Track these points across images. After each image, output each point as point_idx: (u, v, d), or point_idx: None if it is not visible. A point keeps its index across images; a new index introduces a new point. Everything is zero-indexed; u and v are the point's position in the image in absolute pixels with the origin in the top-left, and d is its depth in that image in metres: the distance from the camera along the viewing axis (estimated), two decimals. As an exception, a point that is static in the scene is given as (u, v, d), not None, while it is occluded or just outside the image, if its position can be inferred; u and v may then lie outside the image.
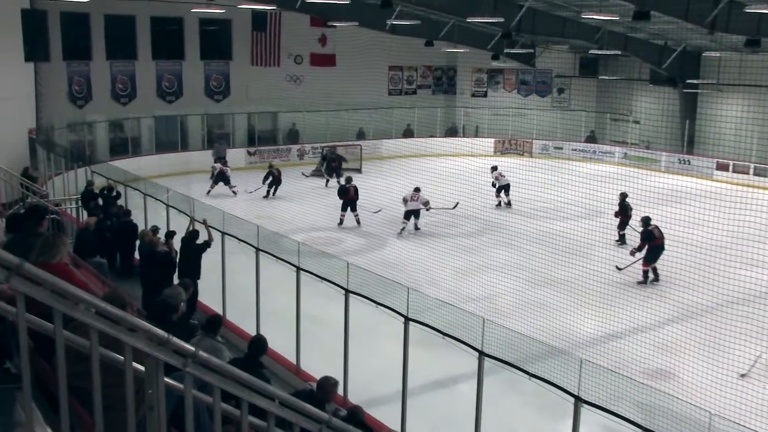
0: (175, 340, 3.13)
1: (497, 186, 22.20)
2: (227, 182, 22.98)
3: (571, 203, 18.84)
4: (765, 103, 25.02)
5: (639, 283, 14.95)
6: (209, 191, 22.28)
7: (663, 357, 10.91)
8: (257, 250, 10.54)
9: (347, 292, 8.78)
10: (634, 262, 15.30)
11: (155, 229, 12.04)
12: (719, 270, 13.67)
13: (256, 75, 28.92)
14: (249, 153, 28.14)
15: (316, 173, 26.07)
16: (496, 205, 22.03)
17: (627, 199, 18.34)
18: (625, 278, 14.36)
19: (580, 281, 13.72)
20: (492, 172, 22.45)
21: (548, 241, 16.30)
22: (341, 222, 19.42)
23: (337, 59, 30.83)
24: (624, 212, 18.22)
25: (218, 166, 23.66)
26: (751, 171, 25.76)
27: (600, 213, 18.40)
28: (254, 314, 10.63)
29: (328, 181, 24.76)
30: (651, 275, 15.03)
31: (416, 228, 19.05)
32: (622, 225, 18.23)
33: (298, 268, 9.67)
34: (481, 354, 7.14)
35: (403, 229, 18.70)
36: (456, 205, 19.92)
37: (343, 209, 19.41)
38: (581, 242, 16.57)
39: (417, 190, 18.95)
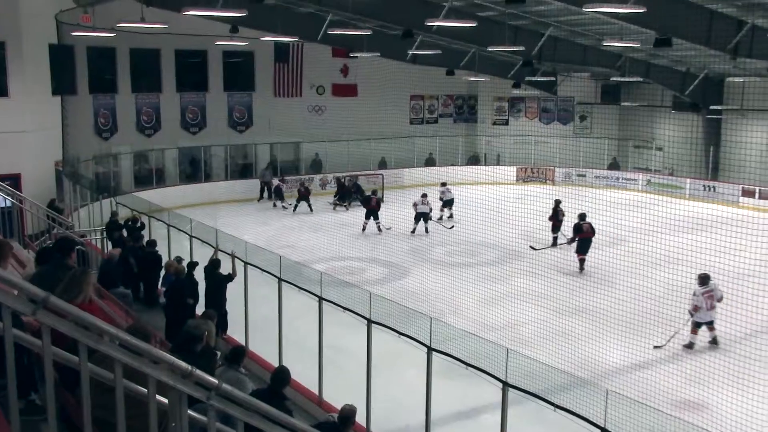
0: (199, 372, 3.13)
1: (443, 201, 23.74)
2: (281, 197, 25.70)
3: (595, 231, 18.71)
4: (790, 128, 24.79)
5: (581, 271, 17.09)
6: (295, 208, 24.81)
7: (693, 388, 10.71)
8: (280, 280, 10.55)
9: (369, 321, 8.75)
10: (552, 246, 18.57)
11: (179, 260, 12.12)
12: (748, 298, 13.47)
13: (279, 106, 29.20)
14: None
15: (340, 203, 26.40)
16: (438, 219, 23.09)
17: (561, 205, 20.36)
18: (652, 307, 14.14)
19: (606, 310, 13.57)
20: (441, 187, 23.97)
21: (572, 269, 16.18)
22: (364, 229, 21.66)
23: (358, 89, 31.10)
24: (555, 217, 20.14)
25: (275, 181, 26.48)
26: (778, 197, 25.44)
27: (624, 240, 18.25)
28: (277, 345, 10.61)
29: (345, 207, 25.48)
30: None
31: (426, 231, 21.66)
32: (555, 229, 19.99)
33: (321, 298, 9.66)
34: (506, 385, 7.05)
35: (414, 230, 21.60)
36: (452, 227, 21.86)
37: (366, 218, 21.85)
38: (606, 270, 16.43)
39: (424, 195, 21.98)
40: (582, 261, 17.67)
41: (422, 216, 21.71)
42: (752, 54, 19.71)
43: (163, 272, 13.00)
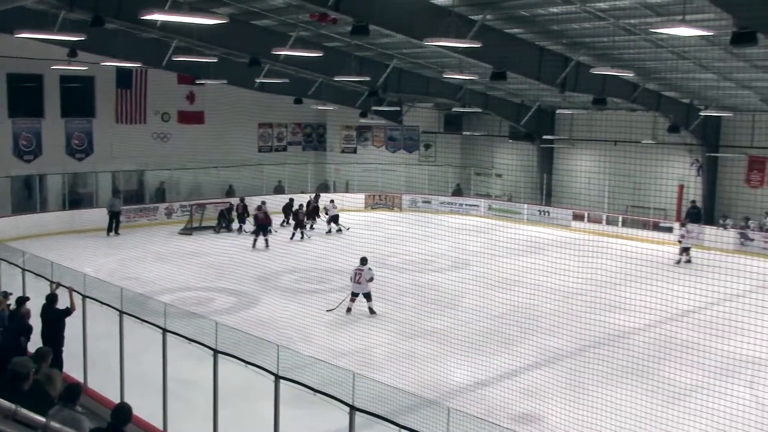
0: (24, 411, 3.01)
1: (329, 216, 26.30)
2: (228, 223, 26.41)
3: (439, 255, 19.39)
4: (612, 156, 26.92)
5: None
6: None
7: (529, 401, 11.30)
8: (121, 313, 10.17)
9: (216, 352, 8.61)
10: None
11: (6, 295, 11.39)
12: (578, 315, 14.45)
13: (122, 133, 28.18)
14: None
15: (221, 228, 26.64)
16: (327, 232, 26.10)
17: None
18: (493, 326, 14.80)
19: (450, 331, 14.07)
20: (329, 204, 26.63)
21: (418, 292, 16.65)
22: (253, 245, 23.45)
23: (205, 116, 30.63)
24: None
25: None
26: (604, 220, 27.45)
27: (467, 263, 19.01)
28: (118, 380, 10.18)
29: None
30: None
31: (338, 231, 25.76)
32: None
33: (165, 330, 9.40)
34: (352, 408, 7.16)
35: (330, 230, 25.95)
36: (348, 228, 25.47)
37: (256, 234, 23.61)
38: (450, 292, 17.05)
39: (332, 201, 26.37)
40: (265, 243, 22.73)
41: (333, 219, 25.87)
42: (577, 88, 21.34)
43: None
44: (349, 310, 15.94)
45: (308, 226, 26.28)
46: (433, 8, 16.08)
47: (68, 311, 10.95)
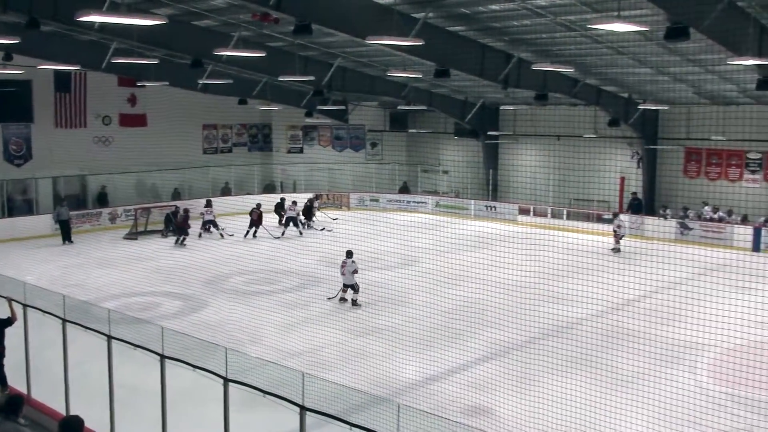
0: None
1: (285, 217, 26.18)
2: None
3: (388, 253, 19.47)
4: (556, 150, 27.41)
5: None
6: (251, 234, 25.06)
7: (479, 395, 11.44)
8: (64, 321, 9.96)
9: (162, 357, 8.51)
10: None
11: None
12: (526, 307, 14.68)
13: (61, 137, 27.56)
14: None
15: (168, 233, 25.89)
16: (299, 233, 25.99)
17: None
18: (443, 322, 14.93)
19: (399, 327, 14.16)
20: (291, 204, 26.22)
21: (368, 290, 16.70)
22: (245, 235, 24.88)
23: (148, 119, 30.15)
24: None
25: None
26: (549, 213, 27.92)
27: (416, 260, 19.11)
28: (63, 390, 9.97)
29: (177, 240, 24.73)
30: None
31: (300, 234, 25.59)
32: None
33: (109, 337, 9.25)
34: (303, 409, 7.16)
35: (284, 233, 25.41)
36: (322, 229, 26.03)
37: (250, 226, 25.04)
38: (400, 289, 17.13)
39: (294, 202, 26.01)
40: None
41: (291, 220, 25.55)
42: (520, 84, 21.66)
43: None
44: (342, 299, 16.76)
45: (304, 225, 26.87)
46: (376, 7, 16.12)
47: (9, 321, 10.70)
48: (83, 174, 28.70)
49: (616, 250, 22.92)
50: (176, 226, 24.40)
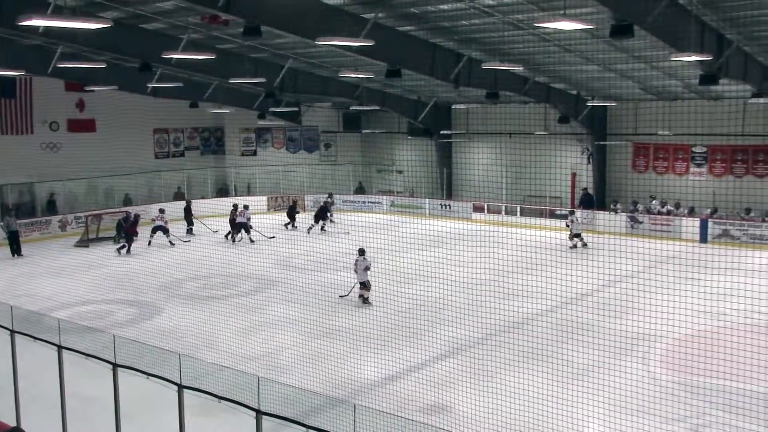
0: None
1: (236, 222, 25.26)
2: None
3: (344, 254, 19.44)
4: (508, 148, 27.73)
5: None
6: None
7: (437, 392, 11.52)
8: (12, 332, 9.74)
9: (115, 366, 8.39)
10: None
11: None
12: (482, 304, 14.82)
13: (7, 144, 26.95)
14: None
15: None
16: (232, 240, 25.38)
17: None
18: (399, 321, 15.00)
19: (356, 328, 14.15)
20: (243, 209, 25.52)
21: (323, 291, 16.67)
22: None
23: (97, 124, 29.63)
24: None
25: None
26: (503, 211, 28.20)
27: (372, 260, 19.07)
28: (13, 403, 9.76)
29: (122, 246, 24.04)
30: None
31: (251, 241, 24.70)
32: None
33: (60, 347, 9.08)
34: (258, 413, 7.13)
35: (234, 239, 25.01)
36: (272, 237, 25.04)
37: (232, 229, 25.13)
38: (355, 290, 17.13)
39: (246, 207, 25.29)
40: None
41: (242, 226, 24.84)
42: (471, 83, 21.83)
43: None
44: (362, 297, 16.92)
45: (320, 226, 26.88)
46: (325, 8, 16.10)
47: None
48: (31, 181, 28.07)
49: (574, 246, 23.13)
50: (124, 232, 23.96)
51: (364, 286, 16.77)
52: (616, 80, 23.72)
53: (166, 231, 24.36)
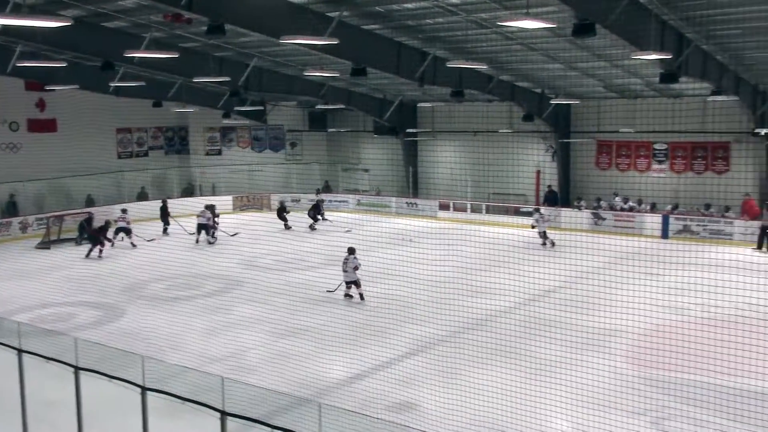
0: None
1: (196, 224, 24.78)
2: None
3: (310, 253, 19.43)
4: (473, 146, 27.89)
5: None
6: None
7: (404, 390, 11.55)
8: (-30, 337, 9.57)
9: (77, 369, 8.28)
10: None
11: None
12: (448, 302, 14.90)
13: (-35, 145, 26.42)
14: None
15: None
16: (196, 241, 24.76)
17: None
18: (366, 319, 15.00)
19: (323, 327, 14.14)
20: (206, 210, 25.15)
21: (290, 291, 16.61)
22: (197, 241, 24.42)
23: (58, 124, 29.14)
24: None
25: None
26: (469, 209, 28.36)
27: (337, 260, 19.08)
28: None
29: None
30: None
31: (209, 242, 24.35)
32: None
33: (20, 351, 8.94)
34: (223, 414, 7.09)
35: (198, 240, 24.38)
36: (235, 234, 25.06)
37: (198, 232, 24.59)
38: (321, 289, 17.12)
39: (207, 207, 24.86)
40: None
41: (203, 227, 24.35)
42: (436, 82, 21.92)
43: None
44: (347, 296, 16.95)
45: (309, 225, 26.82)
46: (289, 6, 16.04)
47: None
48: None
49: (544, 243, 23.14)
50: (89, 235, 23.53)
51: (356, 284, 16.77)
52: (579, 78, 24.00)
53: (128, 232, 23.96)
